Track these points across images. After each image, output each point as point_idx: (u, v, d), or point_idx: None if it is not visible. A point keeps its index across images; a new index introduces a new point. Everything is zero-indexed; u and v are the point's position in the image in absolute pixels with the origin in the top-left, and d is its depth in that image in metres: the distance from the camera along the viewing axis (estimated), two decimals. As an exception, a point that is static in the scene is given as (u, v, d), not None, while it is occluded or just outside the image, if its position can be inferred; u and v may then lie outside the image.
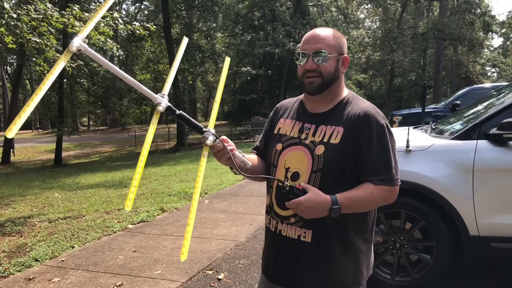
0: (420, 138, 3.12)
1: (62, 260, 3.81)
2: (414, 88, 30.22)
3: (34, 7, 6.82)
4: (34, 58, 8.74)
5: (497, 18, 33.10)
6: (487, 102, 3.36)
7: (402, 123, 10.41)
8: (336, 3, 29.63)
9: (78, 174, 11.73)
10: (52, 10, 6.94)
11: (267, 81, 28.53)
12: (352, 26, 29.16)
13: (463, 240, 2.69)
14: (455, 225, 2.69)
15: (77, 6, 8.02)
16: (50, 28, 7.11)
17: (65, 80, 17.38)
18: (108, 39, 7.97)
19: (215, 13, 21.91)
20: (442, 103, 11.47)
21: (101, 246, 4.17)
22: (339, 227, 1.34)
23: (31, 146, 26.06)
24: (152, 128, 1.23)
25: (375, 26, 33.95)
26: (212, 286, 3.11)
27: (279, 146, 1.44)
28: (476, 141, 2.72)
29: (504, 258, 2.84)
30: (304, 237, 1.36)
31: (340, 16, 29.46)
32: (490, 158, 2.66)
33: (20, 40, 7.01)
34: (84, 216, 5.55)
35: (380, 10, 29.43)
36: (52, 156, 18.54)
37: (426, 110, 10.00)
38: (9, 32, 6.67)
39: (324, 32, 1.37)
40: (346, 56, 1.40)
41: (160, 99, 1.24)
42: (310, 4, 29.78)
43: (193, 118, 1.34)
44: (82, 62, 11.18)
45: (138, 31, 8.41)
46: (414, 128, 3.85)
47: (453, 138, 2.83)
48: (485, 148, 2.68)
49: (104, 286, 3.16)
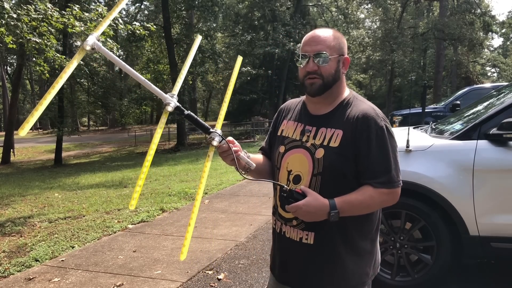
0: (420, 138, 3.12)
1: (62, 260, 3.81)
2: (414, 88, 30.23)
3: (34, 7, 6.82)
4: (34, 58, 8.73)
5: (497, 18, 33.10)
6: (487, 102, 3.36)
7: (402, 123, 10.41)
8: (336, 3, 29.64)
9: (78, 174, 11.73)
10: (52, 10, 6.94)
11: (267, 81, 28.54)
12: (352, 26, 29.18)
13: (463, 240, 2.69)
14: (455, 225, 2.69)
15: (77, 6, 8.02)
16: (50, 28, 7.11)
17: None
18: (108, 39, 7.97)
19: (215, 13, 21.92)
20: (442, 103, 11.47)
21: (101, 246, 4.17)
22: (343, 229, 1.34)
23: (31, 146, 26.06)
24: (160, 127, 1.25)
25: (375, 26, 33.93)
26: (212, 286, 3.11)
27: (282, 149, 1.44)
28: (476, 141, 2.72)
29: (504, 258, 2.84)
30: (306, 239, 1.36)
31: (340, 16, 29.48)
32: (490, 158, 2.66)
33: (20, 40, 7.01)
34: (84, 216, 5.55)
35: (380, 10, 29.42)
36: (52, 156, 18.55)
37: (426, 110, 10.00)
38: (9, 32, 6.67)
39: (324, 33, 1.36)
40: (347, 56, 1.40)
41: (169, 99, 1.26)
42: (310, 4, 29.79)
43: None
44: (82, 62, 11.18)
45: (138, 31, 8.41)
46: (414, 128, 3.85)
47: (453, 138, 2.84)
48: (485, 148, 2.68)
49: (104, 286, 3.17)
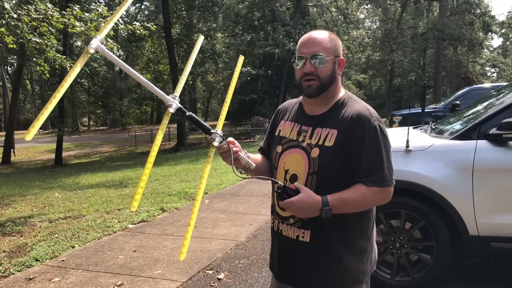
0: (420, 138, 3.13)
1: (63, 260, 3.81)
2: (414, 88, 30.25)
3: (34, 7, 6.82)
4: (35, 58, 8.74)
5: (496, 18, 33.16)
6: (487, 102, 3.36)
7: (402, 123, 10.42)
8: (336, 3, 29.62)
9: (79, 174, 11.74)
10: (52, 10, 6.94)
11: (267, 81, 28.54)
12: (352, 26, 29.15)
13: (463, 240, 2.69)
14: (455, 225, 2.70)
15: (77, 6, 8.03)
16: (50, 28, 7.11)
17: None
18: (108, 39, 7.98)
19: (215, 13, 21.92)
20: (442, 103, 11.48)
21: (101, 246, 4.18)
22: (339, 227, 1.36)
23: (32, 146, 26.06)
24: (162, 129, 1.26)
25: (375, 26, 33.95)
26: (212, 286, 3.12)
27: (279, 149, 1.47)
28: (475, 141, 2.73)
29: (504, 258, 2.84)
30: (302, 237, 1.38)
31: (340, 16, 29.46)
32: (490, 158, 2.67)
33: (20, 40, 7.01)
34: (84, 216, 5.56)
35: (380, 10, 29.42)
36: (52, 156, 18.56)
37: (426, 110, 10.00)
38: (9, 32, 6.68)
39: (320, 35, 1.39)
40: (342, 58, 1.42)
41: (171, 101, 1.28)
42: (310, 4, 29.78)
43: None
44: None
45: (138, 31, 8.42)
46: (414, 128, 3.85)
47: (453, 138, 2.84)
48: (484, 148, 2.68)
49: (104, 286, 3.17)
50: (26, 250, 4.15)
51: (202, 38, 1.53)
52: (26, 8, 6.75)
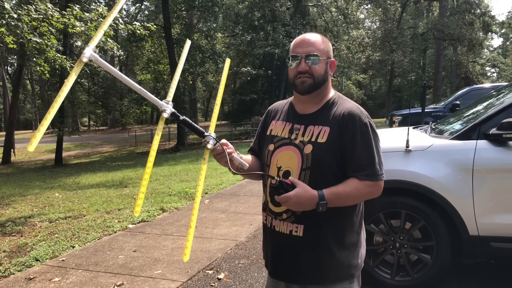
0: (419, 138, 3.13)
1: (63, 260, 3.81)
2: (414, 88, 30.26)
3: (34, 7, 6.82)
4: (35, 58, 8.74)
5: (496, 18, 33.17)
6: (487, 102, 3.36)
7: (402, 123, 10.42)
8: (336, 3, 29.59)
9: (79, 174, 11.74)
10: (52, 10, 6.94)
11: (267, 81, 28.52)
12: (352, 26, 29.10)
13: (463, 240, 2.69)
14: (455, 225, 2.70)
15: (77, 6, 8.03)
16: (50, 28, 7.11)
17: (65, 80, 17.37)
18: (108, 39, 7.98)
19: (215, 13, 21.90)
20: (442, 103, 11.49)
21: (101, 246, 4.18)
22: (331, 222, 1.40)
23: (31, 146, 26.02)
24: (158, 134, 1.29)
25: (375, 27, 33.96)
26: (212, 286, 3.12)
27: (271, 147, 1.51)
28: (475, 141, 2.73)
29: (504, 258, 2.84)
30: (296, 231, 1.42)
31: (340, 16, 29.40)
32: (490, 158, 2.67)
33: (20, 40, 7.01)
34: (84, 216, 5.56)
35: (380, 10, 29.41)
36: (52, 156, 18.57)
37: (425, 110, 10.01)
38: (9, 32, 6.67)
39: (313, 37, 1.46)
40: (333, 60, 1.49)
41: (165, 106, 1.32)
42: (310, 4, 29.76)
43: (194, 119, 1.38)
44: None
45: (138, 31, 8.42)
46: (414, 128, 3.85)
47: (452, 138, 2.84)
48: (484, 148, 2.68)
49: (104, 285, 3.17)
50: (26, 250, 4.15)
51: (189, 43, 1.56)
52: (26, 8, 6.75)
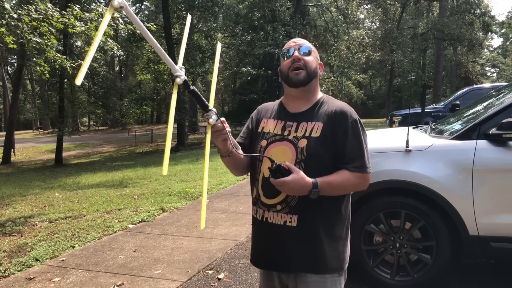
0: (419, 138, 3.13)
1: (63, 259, 3.82)
2: (413, 88, 30.27)
3: (34, 7, 6.82)
4: (35, 58, 8.75)
5: (496, 18, 33.19)
6: (487, 102, 3.36)
7: (402, 123, 10.43)
8: (336, 3, 29.59)
9: (79, 174, 11.74)
10: (52, 10, 6.94)
11: (267, 81, 28.52)
12: (352, 26, 29.11)
13: (463, 240, 2.69)
14: (455, 225, 2.70)
15: (77, 6, 8.03)
16: (50, 28, 7.11)
17: (65, 80, 17.40)
18: (108, 39, 7.99)
19: (215, 13, 21.90)
20: (442, 103, 11.48)
21: (101, 246, 4.18)
22: (323, 214, 1.46)
23: (32, 146, 26.07)
24: (173, 100, 1.32)
25: (375, 27, 33.96)
26: (212, 286, 3.12)
27: (264, 143, 1.55)
28: (475, 141, 2.73)
29: (504, 258, 2.85)
30: (290, 222, 1.46)
31: (340, 16, 29.40)
32: (490, 158, 2.67)
33: (20, 40, 7.01)
34: (84, 216, 5.56)
35: (380, 10, 29.44)
36: (52, 156, 18.56)
37: (425, 110, 10.01)
38: (9, 32, 6.68)
39: (303, 39, 1.61)
40: (321, 62, 1.61)
41: (179, 72, 1.29)
42: (310, 4, 29.77)
43: (193, 119, 1.38)
44: (83, 62, 11.18)
45: (138, 31, 8.42)
46: (413, 128, 3.85)
47: (452, 138, 2.84)
48: (484, 148, 2.68)
49: (104, 285, 3.17)
50: (26, 250, 4.16)
51: (189, 18, 1.59)
52: (26, 8, 6.75)
